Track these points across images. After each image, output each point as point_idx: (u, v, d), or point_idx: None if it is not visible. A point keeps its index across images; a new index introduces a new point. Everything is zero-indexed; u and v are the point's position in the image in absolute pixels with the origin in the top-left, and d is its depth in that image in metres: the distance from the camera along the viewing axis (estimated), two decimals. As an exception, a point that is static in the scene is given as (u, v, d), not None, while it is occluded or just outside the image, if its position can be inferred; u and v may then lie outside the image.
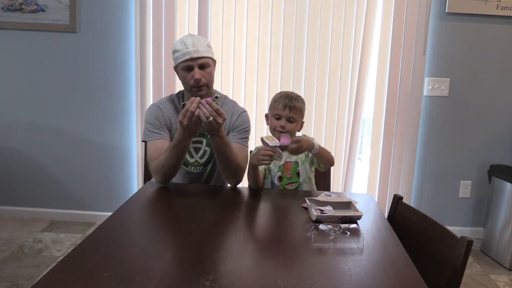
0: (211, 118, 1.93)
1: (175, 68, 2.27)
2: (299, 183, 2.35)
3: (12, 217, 3.77)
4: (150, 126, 2.28)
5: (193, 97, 1.96)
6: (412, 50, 3.47)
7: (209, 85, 2.23)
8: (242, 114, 2.38)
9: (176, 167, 2.15)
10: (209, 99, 1.95)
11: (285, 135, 2.16)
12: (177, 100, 2.36)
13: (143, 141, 2.38)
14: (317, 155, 2.22)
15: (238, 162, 2.20)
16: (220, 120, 1.96)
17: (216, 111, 1.94)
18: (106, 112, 3.66)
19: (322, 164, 2.30)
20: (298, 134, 2.40)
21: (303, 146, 2.12)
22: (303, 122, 2.37)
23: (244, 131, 2.35)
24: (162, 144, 2.22)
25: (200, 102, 1.93)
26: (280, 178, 2.36)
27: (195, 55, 2.15)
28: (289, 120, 2.25)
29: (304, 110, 2.35)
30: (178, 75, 2.29)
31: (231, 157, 2.15)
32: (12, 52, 3.61)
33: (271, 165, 2.36)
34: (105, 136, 3.69)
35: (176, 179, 2.37)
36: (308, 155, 2.35)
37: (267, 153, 2.07)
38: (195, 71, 2.17)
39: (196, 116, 1.92)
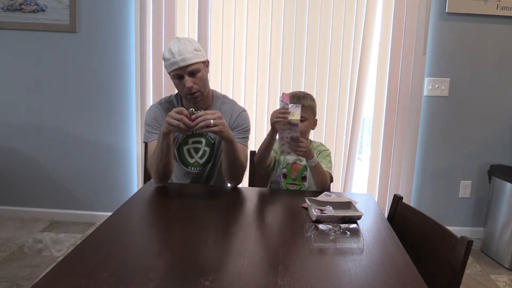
0: (212, 121, 1.92)
1: (169, 74, 2.23)
2: (301, 187, 2.34)
3: (12, 217, 3.77)
4: (149, 127, 2.28)
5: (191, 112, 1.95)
6: (412, 50, 3.47)
7: (201, 90, 2.20)
8: (242, 113, 2.36)
9: (165, 164, 2.12)
10: (192, 117, 1.94)
11: (286, 95, 2.05)
12: (176, 101, 2.35)
13: (144, 142, 2.37)
14: (312, 169, 2.19)
15: (241, 161, 2.21)
16: (218, 118, 1.95)
17: (206, 114, 1.94)
18: (106, 112, 3.66)
19: (314, 181, 2.27)
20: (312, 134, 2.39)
21: (303, 149, 2.08)
22: (316, 120, 2.36)
23: (244, 131, 2.34)
24: None
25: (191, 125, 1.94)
26: (284, 176, 2.36)
27: (182, 64, 2.11)
28: (300, 119, 2.11)
29: (315, 107, 2.33)
30: (172, 81, 2.26)
31: (237, 157, 2.15)
32: (12, 52, 3.61)
33: (281, 158, 2.36)
34: (105, 136, 3.69)
35: (177, 179, 2.37)
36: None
37: (282, 111, 2.01)
38: (186, 79, 2.13)
39: (171, 126, 1.93)
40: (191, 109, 1.99)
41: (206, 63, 2.25)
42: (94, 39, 3.56)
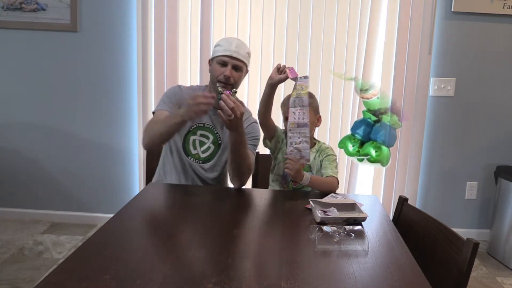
0: (232, 116, 1.94)
1: (210, 61, 2.34)
2: (301, 186, 2.33)
3: (12, 219, 3.75)
4: (166, 99, 2.33)
5: (208, 95, 1.96)
6: (417, 49, 3.45)
7: (234, 86, 2.26)
8: (254, 124, 2.42)
9: (163, 137, 2.16)
10: (227, 92, 1.96)
11: (291, 69, 2.10)
12: (199, 90, 2.42)
13: (153, 112, 2.38)
14: (310, 186, 2.22)
15: (249, 162, 2.22)
16: (238, 113, 1.96)
17: (234, 103, 1.95)
18: (107, 113, 3.65)
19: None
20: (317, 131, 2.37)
21: (293, 172, 2.12)
22: (319, 117, 2.38)
23: (254, 139, 2.38)
24: (166, 114, 2.25)
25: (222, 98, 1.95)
26: None
27: (235, 55, 2.24)
28: None
29: (317, 104, 2.37)
30: (209, 68, 2.35)
31: (244, 156, 2.16)
32: (12, 52, 3.60)
33: (284, 148, 2.35)
34: (106, 137, 3.68)
35: (174, 173, 2.36)
36: (320, 165, 2.35)
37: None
38: (228, 68, 2.23)
39: (203, 111, 1.95)
40: (234, 90, 2.08)
41: (246, 71, 2.37)
42: (96, 39, 3.55)
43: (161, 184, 2.36)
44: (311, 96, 2.32)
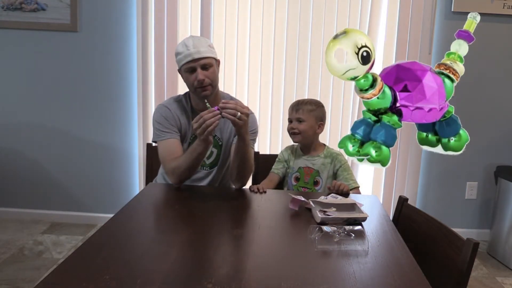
0: (239, 114, 1.93)
1: (179, 71, 2.25)
2: (312, 191, 2.35)
3: (12, 219, 3.75)
4: (160, 126, 2.27)
5: (211, 109, 1.93)
6: (417, 49, 3.44)
7: (213, 84, 2.21)
8: (250, 115, 2.34)
9: (191, 170, 2.16)
10: (222, 103, 1.93)
11: (293, 202, 2.00)
12: (185, 101, 2.35)
13: (153, 141, 2.34)
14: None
15: (251, 163, 2.21)
16: (246, 110, 1.97)
17: (237, 105, 1.95)
18: (107, 113, 3.64)
19: None
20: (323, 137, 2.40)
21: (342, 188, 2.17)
22: (322, 124, 2.41)
23: (252, 133, 2.31)
24: (173, 143, 2.23)
25: (219, 108, 1.92)
26: (297, 179, 2.39)
27: (196, 56, 2.14)
28: (298, 120, 2.34)
29: (321, 113, 2.40)
30: (182, 78, 2.27)
31: (248, 159, 2.15)
32: (12, 52, 3.59)
33: (291, 163, 2.42)
34: (106, 137, 3.67)
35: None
36: (333, 173, 2.39)
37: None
38: (198, 72, 2.15)
39: (209, 127, 1.91)
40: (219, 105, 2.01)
41: (217, 62, 2.28)
42: (96, 39, 3.54)
43: (161, 184, 2.36)
44: (318, 105, 2.39)
